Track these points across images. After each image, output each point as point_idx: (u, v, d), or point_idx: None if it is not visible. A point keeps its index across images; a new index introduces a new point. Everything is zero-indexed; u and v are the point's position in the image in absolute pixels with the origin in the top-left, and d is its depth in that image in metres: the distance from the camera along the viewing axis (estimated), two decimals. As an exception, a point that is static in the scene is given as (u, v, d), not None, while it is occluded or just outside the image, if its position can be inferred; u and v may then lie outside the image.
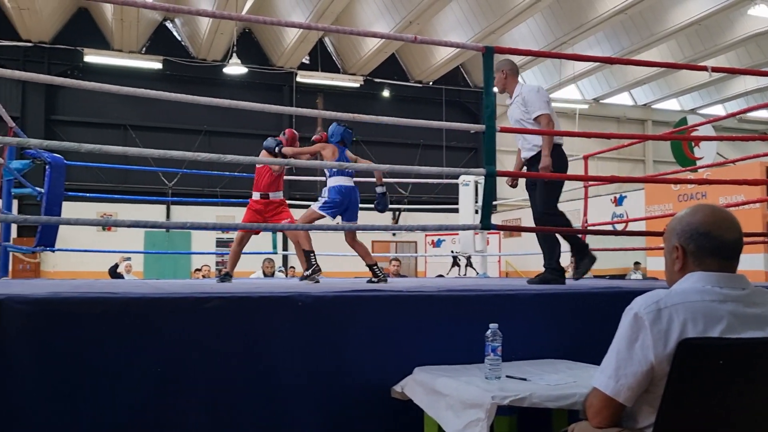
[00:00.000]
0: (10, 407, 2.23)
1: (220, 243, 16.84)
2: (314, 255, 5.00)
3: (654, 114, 23.86)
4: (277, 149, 5.32)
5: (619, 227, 10.39)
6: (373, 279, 4.96)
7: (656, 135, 12.53)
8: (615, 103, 23.23)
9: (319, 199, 5.11)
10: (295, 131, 5.63)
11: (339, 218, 5.23)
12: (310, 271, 4.91)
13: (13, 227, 13.39)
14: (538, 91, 4.42)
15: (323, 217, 5.08)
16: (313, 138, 5.53)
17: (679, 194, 11.79)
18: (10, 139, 3.58)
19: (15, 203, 6.30)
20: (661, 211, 11.79)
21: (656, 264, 7.95)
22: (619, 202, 14.51)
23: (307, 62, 19.18)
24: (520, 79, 4.66)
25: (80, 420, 2.30)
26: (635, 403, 1.63)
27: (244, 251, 5.52)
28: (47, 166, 5.96)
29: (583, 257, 4.51)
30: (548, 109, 4.34)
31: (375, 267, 5.03)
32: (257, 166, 5.42)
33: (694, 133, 10.04)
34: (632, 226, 9.46)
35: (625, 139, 13.39)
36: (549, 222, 4.39)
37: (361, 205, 5.20)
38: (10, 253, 6.33)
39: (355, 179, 5.30)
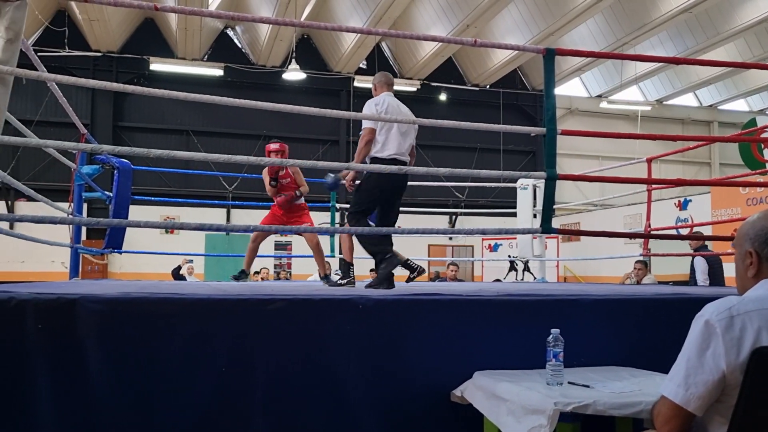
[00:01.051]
0: (85, 402, 2.33)
1: (279, 246, 17.10)
2: (353, 268, 5.03)
3: (720, 115, 23.04)
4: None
5: (684, 232, 10.09)
6: (412, 275, 5.06)
7: (724, 137, 12.11)
8: (679, 105, 22.53)
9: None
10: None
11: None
12: (345, 281, 4.95)
13: (83, 230, 13.90)
14: (374, 104, 4.45)
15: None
16: None
17: (747, 198, 11.37)
18: (84, 145, 3.73)
19: (84, 207, 6.55)
20: (728, 215, 11.39)
21: (725, 270, 7.68)
22: (683, 206, 14.07)
23: (365, 67, 19.32)
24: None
25: (149, 417, 2.38)
26: (706, 413, 1.59)
27: (302, 254, 5.68)
28: (115, 171, 6.17)
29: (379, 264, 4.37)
30: (372, 124, 4.34)
31: (409, 261, 5.13)
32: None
33: (764, 135, 9.66)
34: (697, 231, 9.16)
35: (690, 142, 12.98)
36: (351, 222, 4.44)
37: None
38: (80, 255, 6.59)
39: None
